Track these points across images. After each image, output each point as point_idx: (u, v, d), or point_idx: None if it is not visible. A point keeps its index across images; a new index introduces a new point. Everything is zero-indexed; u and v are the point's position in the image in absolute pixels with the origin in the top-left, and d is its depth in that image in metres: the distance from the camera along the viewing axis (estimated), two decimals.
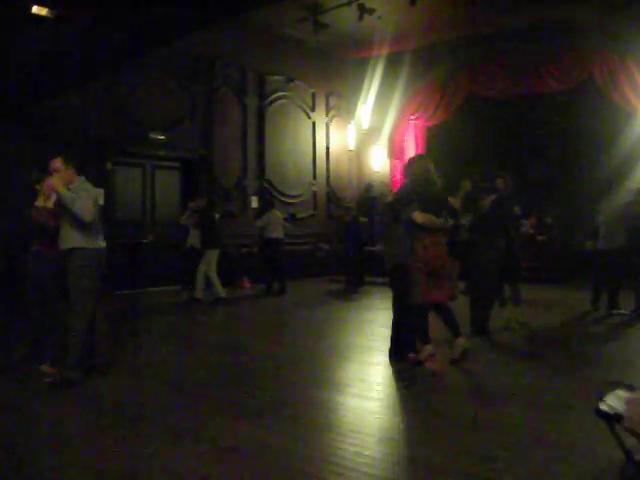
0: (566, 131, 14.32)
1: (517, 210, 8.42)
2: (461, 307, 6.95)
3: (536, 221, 12.84)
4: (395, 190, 6.22)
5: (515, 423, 4.34)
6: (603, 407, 3.08)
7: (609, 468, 3.37)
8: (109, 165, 11.68)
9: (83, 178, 5.54)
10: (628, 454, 3.10)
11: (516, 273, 8.18)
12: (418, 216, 5.84)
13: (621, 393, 3.27)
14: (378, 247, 11.52)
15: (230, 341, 7.85)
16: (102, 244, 5.54)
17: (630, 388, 3.31)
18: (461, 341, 6.19)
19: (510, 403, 4.82)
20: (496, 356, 6.66)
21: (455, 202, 7.16)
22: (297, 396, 5.05)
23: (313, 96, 16.02)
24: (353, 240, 13.21)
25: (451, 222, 6.28)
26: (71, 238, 5.38)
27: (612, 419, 3.05)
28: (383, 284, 12.61)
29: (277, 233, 12.12)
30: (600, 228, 9.31)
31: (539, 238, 13.05)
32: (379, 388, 5.47)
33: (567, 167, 14.20)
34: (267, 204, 12.83)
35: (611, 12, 12.43)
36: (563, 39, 13.57)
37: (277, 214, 12.36)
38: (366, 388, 5.36)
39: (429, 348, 6.08)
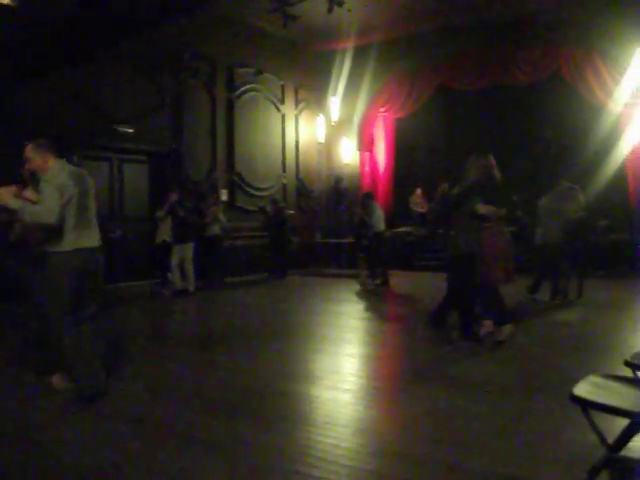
0: (536, 123, 14.48)
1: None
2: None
3: (507, 213, 12.97)
4: (459, 184, 6.59)
5: (489, 411, 4.36)
6: (577, 392, 3.10)
7: (583, 452, 3.41)
8: (76, 159, 11.46)
9: (63, 162, 4.85)
10: (602, 438, 3.14)
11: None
12: (481, 208, 6.39)
13: (594, 378, 3.30)
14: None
15: (201, 335, 7.78)
16: (86, 243, 4.75)
17: (605, 375, 3.35)
18: (508, 327, 6.62)
19: (483, 391, 4.85)
20: (468, 344, 6.69)
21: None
22: (271, 390, 5.01)
23: (282, 88, 15.95)
24: (278, 233, 13.35)
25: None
26: (43, 240, 4.73)
27: (586, 404, 3.07)
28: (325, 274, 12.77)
29: (214, 230, 12.03)
30: (539, 223, 9.52)
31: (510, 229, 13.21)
32: (352, 379, 5.46)
33: (537, 159, 14.36)
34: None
35: (577, 6, 12.59)
36: (531, 33, 13.69)
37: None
38: (339, 380, 5.35)
39: (509, 327, 6.59)
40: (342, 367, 5.95)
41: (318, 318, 8.85)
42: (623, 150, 12.80)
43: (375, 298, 10.87)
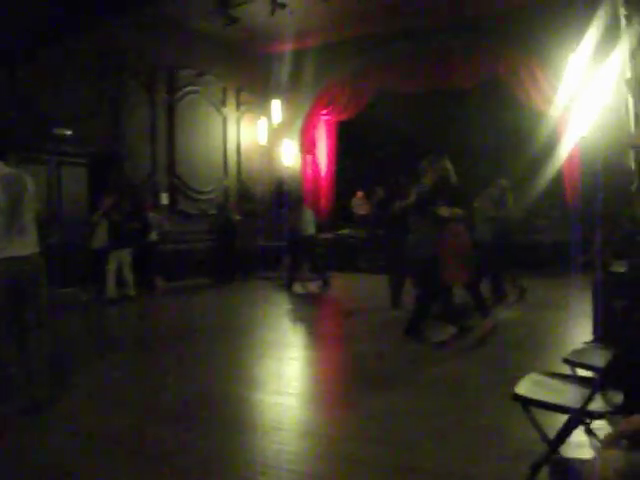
0: (478, 127, 14.76)
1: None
2: None
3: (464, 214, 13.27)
4: (417, 189, 6.96)
5: (435, 411, 4.41)
6: (519, 390, 3.16)
7: (525, 448, 3.48)
8: (12, 162, 11.06)
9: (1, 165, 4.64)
10: (542, 434, 3.22)
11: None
12: (444, 210, 6.69)
13: (534, 377, 3.38)
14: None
15: (143, 342, 7.62)
16: (18, 252, 4.42)
17: (545, 373, 3.43)
18: (489, 322, 7.02)
19: (428, 392, 4.90)
20: (417, 345, 6.76)
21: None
22: (216, 395, 4.95)
23: (224, 91, 15.80)
24: (224, 236, 13.25)
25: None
26: None
27: (527, 402, 3.14)
28: (268, 278, 12.77)
29: (151, 236, 11.86)
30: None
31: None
32: (296, 384, 5.46)
33: (482, 163, 14.63)
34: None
35: (515, 11, 12.93)
36: (470, 37, 13.96)
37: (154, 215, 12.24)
38: (284, 384, 5.33)
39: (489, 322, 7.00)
40: (287, 371, 5.94)
41: (262, 322, 8.81)
42: (561, 154, 13.16)
43: (317, 301, 10.89)
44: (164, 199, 13.95)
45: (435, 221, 6.73)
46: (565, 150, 13.05)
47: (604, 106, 10.66)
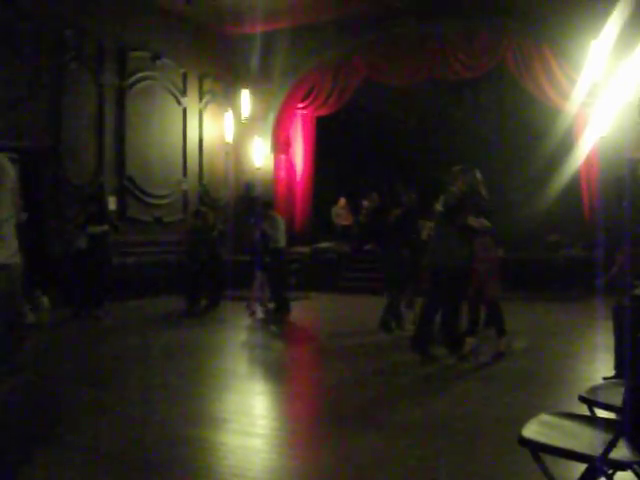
0: (473, 124, 14.87)
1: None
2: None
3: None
4: (445, 199, 7.46)
5: (425, 457, 4.36)
6: (526, 434, 3.10)
7: None
8: None
9: None
10: None
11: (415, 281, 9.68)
12: (473, 221, 7.27)
13: (545, 417, 3.33)
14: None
15: (85, 372, 7.49)
16: None
17: (558, 413, 3.39)
18: (504, 340, 7.63)
19: (416, 434, 4.85)
20: (403, 375, 6.73)
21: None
22: (171, 437, 4.85)
23: (184, 77, 15.75)
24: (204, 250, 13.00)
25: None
26: None
27: (536, 447, 3.08)
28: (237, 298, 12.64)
29: (81, 243, 11.63)
30: None
31: None
32: (263, 422, 5.40)
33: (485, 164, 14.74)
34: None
35: None
36: (472, 20, 14.07)
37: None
38: (249, 423, 5.27)
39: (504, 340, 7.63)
40: (253, 408, 5.88)
41: (225, 350, 8.74)
42: (577, 157, 13.28)
43: (286, 326, 10.81)
44: (112, 203, 13.82)
45: (462, 231, 7.26)
46: (582, 152, 13.15)
47: (627, 102, 10.79)
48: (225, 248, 13.64)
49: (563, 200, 13.16)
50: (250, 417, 5.48)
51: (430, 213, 8.52)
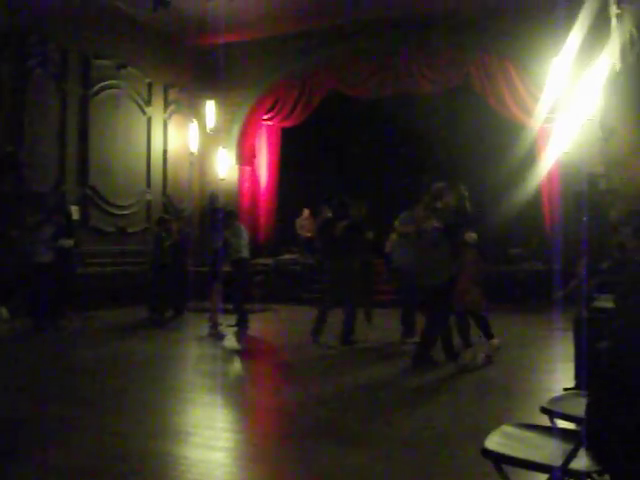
0: (439, 138, 14.97)
1: (370, 236, 9.90)
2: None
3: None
4: (439, 218, 7.72)
5: (388, 470, 4.36)
6: (489, 445, 3.12)
7: None
8: None
9: None
10: None
11: (369, 293, 10.22)
12: (472, 236, 7.72)
13: (507, 429, 3.35)
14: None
15: (45, 385, 7.37)
16: None
17: (520, 424, 3.41)
18: (495, 342, 8.01)
19: (381, 446, 4.85)
20: (367, 389, 6.73)
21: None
22: (131, 450, 4.80)
23: (149, 87, 15.68)
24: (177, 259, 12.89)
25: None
26: None
27: (499, 459, 3.10)
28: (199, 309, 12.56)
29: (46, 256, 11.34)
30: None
31: None
32: (227, 435, 5.37)
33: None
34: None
35: (491, 10, 13.23)
36: (438, 36, 14.22)
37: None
38: (212, 436, 5.22)
39: (495, 342, 8.02)
40: (215, 420, 5.83)
41: (188, 362, 8.68)
42: (539, 172, 13.48)
43: (250, 339, 10.74)
44: (74, 213, 13.65)
45: (455, 246, 7.58)
46: (544, 167, 13.35)
47: (589, 118, 10.97)
48: (189, 257, 13.58)
49: (525, 214, 13.33)
50: (213, 430, 5.43)
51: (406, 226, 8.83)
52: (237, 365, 8.71)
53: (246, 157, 16.80)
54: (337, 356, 8.81)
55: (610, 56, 8.69)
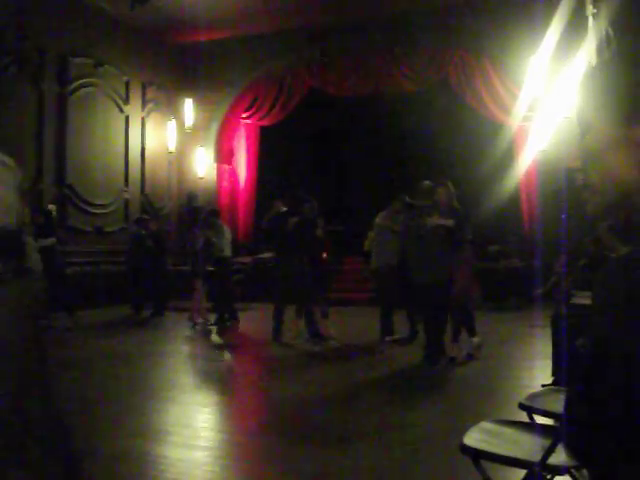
0: (418, 136, 15.01)
1: (320, 233, 10.02)
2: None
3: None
4: (444, 217, 7.70)
5: (367, 467, 4.37)
6: (467, 442, 3.13)
7: None
8: None
9: None
10: None
11: (323, 289, 10.12)
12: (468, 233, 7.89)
13: (486, 425, 3.36)
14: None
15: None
16: None
17: (498, 421, 3.43)
18: (476, 340, 8.03)
19: (360, 444, 4.86)
20: (347, 386, 6.74)
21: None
22: (110, 450, 4.76)
23: (127, 85, 15.58)
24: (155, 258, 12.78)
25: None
26: None
27: (478, 455, 3.11)
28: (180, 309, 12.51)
29: None
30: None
31: None
32: (207, 434, 5.34)
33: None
34: None
35: (469, 9, 13.28)
36: (417, 35, 14.27)
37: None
38: (192, 435, 5.20)
39: (477, 340, 8.07)
40: (195, 419, 5.81)
41: (168, 361, 8.63)
42: (518, 170, 13.57)
43: (230, 337, 10.73)
44: (53, 212, 13.54)
45: (455, 243, 7.66)
46: (523, 166, 13.43)
47: (566, 116, 11.03)
48: (169, 256, 13.53)
49: (504, 211, 13.41)
50: (192, 429, 5.41)
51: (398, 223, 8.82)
52: (217, 363, 8.67)
53: (225, 156, 16.74)
54: (318, 355, 8.81)
55: (586, 54, 8.75)
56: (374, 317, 9.75)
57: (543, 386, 6.08)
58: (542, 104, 12.51)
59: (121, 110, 15.47)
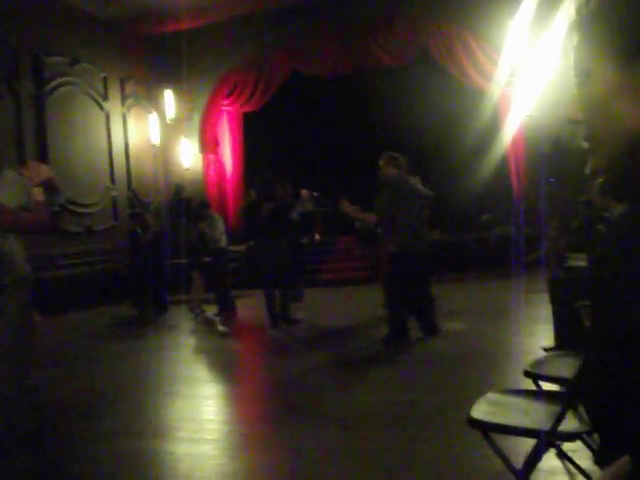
0: (409, 111, 14.94)
1: (295, 217, 10.34)
2: None
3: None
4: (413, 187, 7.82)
5: (377, 447, 4.34)
6: (475, 415, 3.09)
7: None
8: None
9: None
10: (508, 464, 3.16)
11: (296, 273, 10.27)
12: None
13: (492, 396, 3.33)
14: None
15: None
16: None
17: (504, 390, 3.40)
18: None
19: (369, 424, 4.83)
20: (345, 369, 6.71)
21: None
22: (114, 450, 4.72)
23: (105, 81, 15.40)
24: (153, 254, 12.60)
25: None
26: None
27: (486, 427, 3.07)
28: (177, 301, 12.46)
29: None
30: None
31: None
32: (213, 427, 5.30)
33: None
34: None
35: None
36: (395, 8, 14.16)
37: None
38: (197, 429, 5.17)
39: None
40: (200, 412, 5.77)
41: (167, 354, 8.58)
42: (504, 137, 13.51)
43: (225, 327, 10.68)
44: None
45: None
46: (509, 132, 13.37)
47: (550, 79, 10.98)
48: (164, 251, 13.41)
49: (493, 180, 13.35)
50: (198, 422, 5.38)
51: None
52: (218, 354, 8.61)
53: (209, 145, 16.61)
54: (313, 336, 8.88)
55: (566, 15, 8.68)
56: (369, 296, 9.73)
57: (545, 350, 6.08)
58: (524, 69, 12.45)
59: (101, 107, 15.31)
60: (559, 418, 2.78)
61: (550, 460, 3.44)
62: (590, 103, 0.98)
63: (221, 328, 10.43)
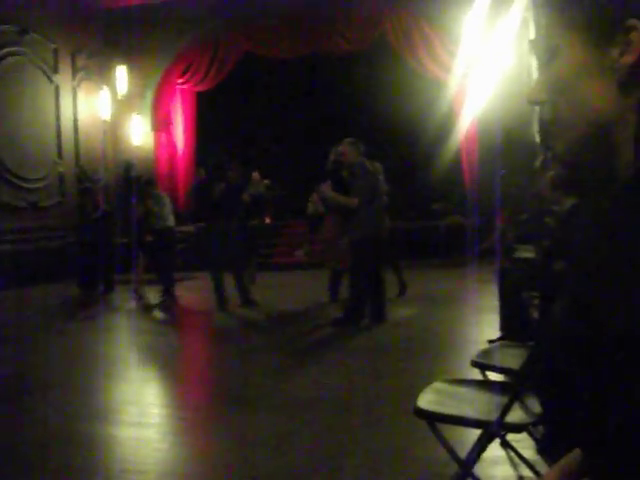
0: (357, 98, 14.93)
1: (247, 198, 10.07)
2: None
3: None
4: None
5: (323, 433, 4.32)
6: (421, 404, 3.06)
7: (433, 470, 3.44)
8: None
9: None
10: (452, 454, 3.14)
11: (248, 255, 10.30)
12: None
13: (438, 385, 3.31)
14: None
15: None
16: None
17: (450, 380, 3.38)
18: None
19: (314, 410, 4.80)
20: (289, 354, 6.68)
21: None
22: (53, 433, 4.60)
23: (55, 53, 15.03)
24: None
25: None
26: None
27: (432, 417, 3.05)
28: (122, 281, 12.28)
29: None
30: None
31: None
32: (155, 411, 5.24)
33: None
34: None
35: None
36: None
37: None
38: (138, 413, 5.09)
39: None
40: (142, 396, 5.68)
41: (109, 336, 8.44)
42: (459, 127, 13.60)
43: (171, 309, 10.55)
44: None
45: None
46: (464, 123, 13.46)
47: (504, 73, 11.05)
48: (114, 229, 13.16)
49: (448, 169, 13.42)
50: (140, 406, 5.29)
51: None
52: (161, 337, 8.49)
53: (161, 123, 16.39)
54: (261, 322, 8.79)
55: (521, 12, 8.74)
56: (317, 280, 9.71)
57: (490, 342, 6.11)
58: (480, 60, 12.52)
59: (50, 80, 14.93)
60: (506, 409, 2.76)
61: (494, 450, 3.44)
62: (557, 83, 0.92)
63: (161, 310, 10.29)
